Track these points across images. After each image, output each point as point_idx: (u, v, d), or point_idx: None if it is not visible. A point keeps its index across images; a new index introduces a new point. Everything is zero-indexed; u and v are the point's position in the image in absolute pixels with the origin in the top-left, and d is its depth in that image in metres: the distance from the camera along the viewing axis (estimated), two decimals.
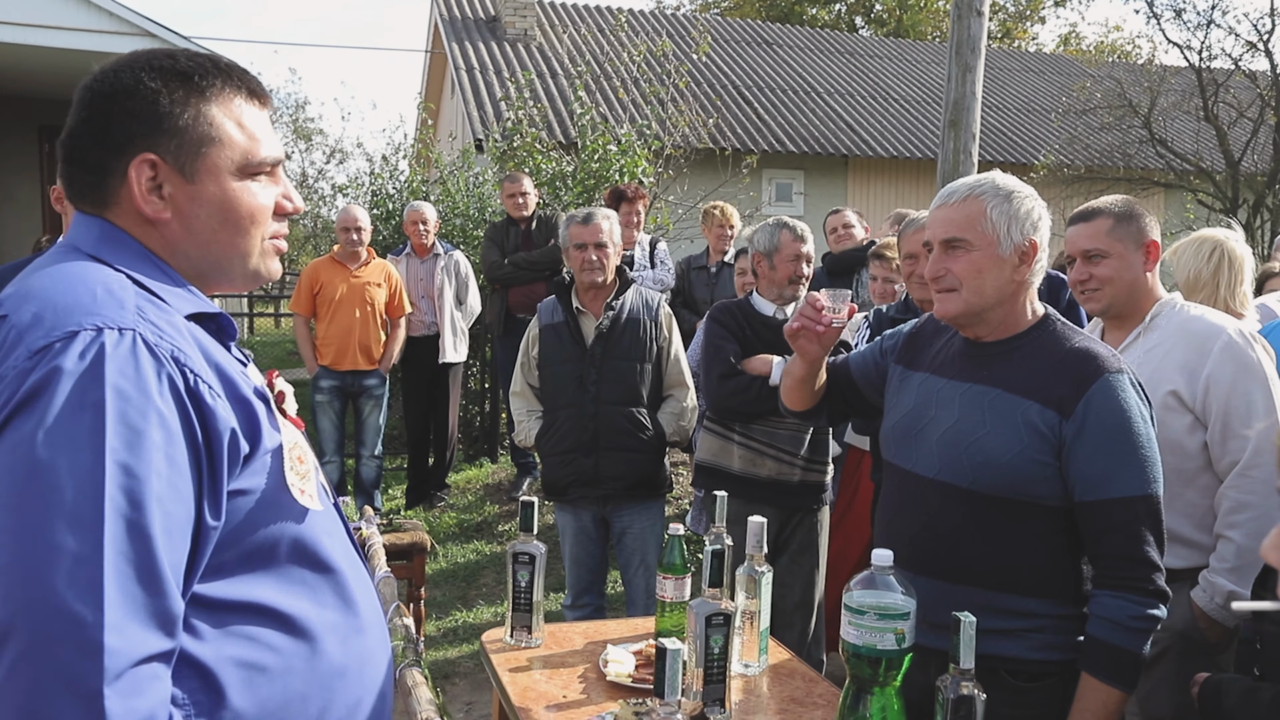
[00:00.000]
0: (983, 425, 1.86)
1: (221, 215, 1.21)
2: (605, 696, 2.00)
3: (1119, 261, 2.29)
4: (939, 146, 6.21)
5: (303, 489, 1.19)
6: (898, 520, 1.98)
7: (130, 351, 1.04)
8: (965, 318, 1.92)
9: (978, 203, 1.88)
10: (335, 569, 1.22)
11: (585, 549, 3.67)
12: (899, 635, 1.62)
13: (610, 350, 3.56)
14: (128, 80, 1.18)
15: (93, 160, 1.18)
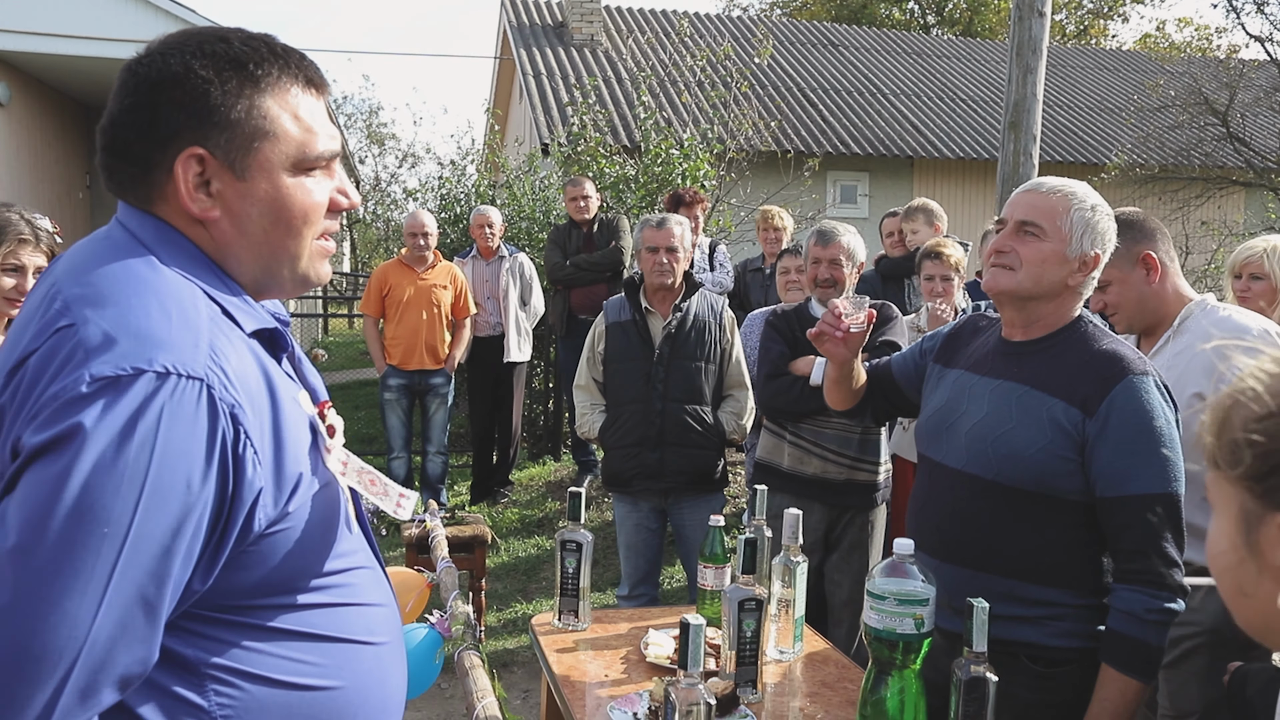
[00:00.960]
0: (1010, 420, 1.93)
1: (273, 214, 1.14)
2: (645, 676, 2.11)
3: (1120, 286, 2.33)
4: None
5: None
6: (926, 509, 2.06)
7: (195, 404, 0.99)
8: (1011, 297, 1.98)
9: (1064, 200, 1.95)
10: (358, 600, 1.21)
11: (643, 539, 3.81)
12: (918, 620, 1.70)
13: (677, 350, 3.71)
14: (176, 67, 1.09)
15: (136, 152, 1.11)
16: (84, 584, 0.92)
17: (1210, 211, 12.26)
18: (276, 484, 1.07)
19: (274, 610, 1.11)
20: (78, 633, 0.92)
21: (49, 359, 0.98)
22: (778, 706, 2.00)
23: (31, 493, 0.93)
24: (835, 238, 3.44)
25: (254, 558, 1.07)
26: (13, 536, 0.92)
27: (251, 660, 1.09)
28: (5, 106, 10.73)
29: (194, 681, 1.06)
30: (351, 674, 1.18)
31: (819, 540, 3.47)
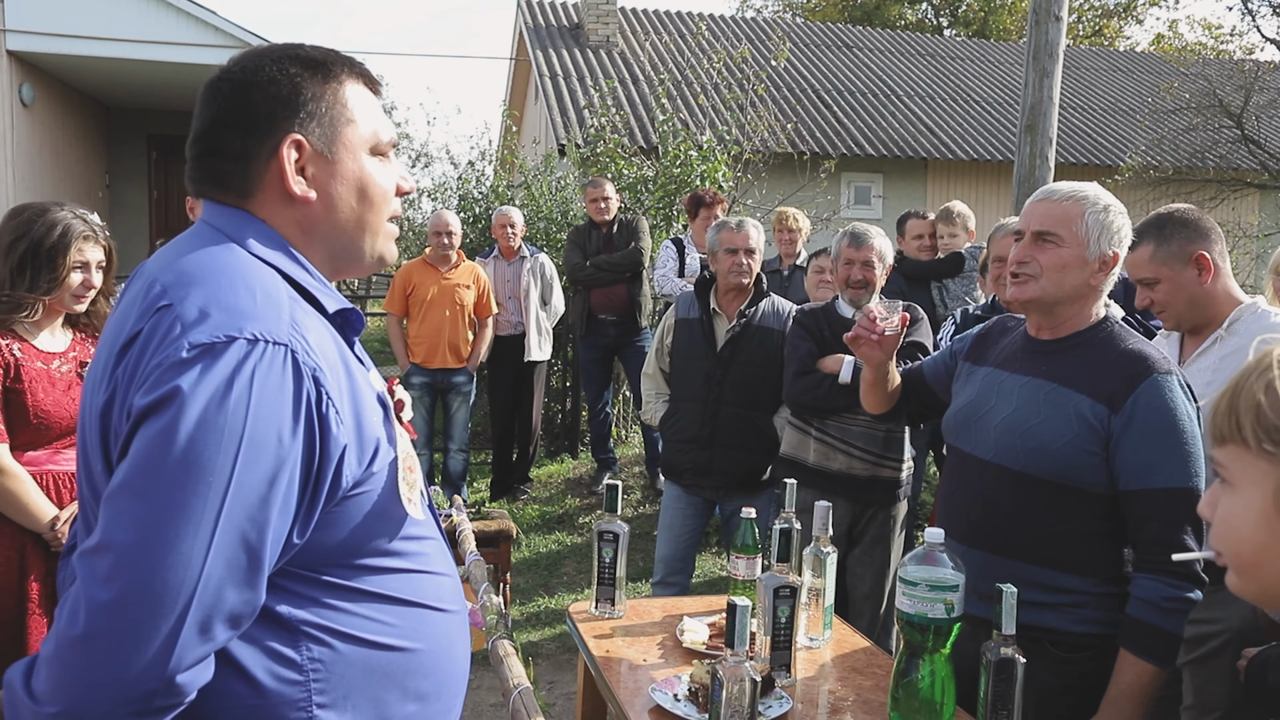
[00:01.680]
0: (1038, 415, 2.01)
1: (359, 191, 1.27)
2: (680, 661, 2.20)
3: (1170, 284, 2.33)
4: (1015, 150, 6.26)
5: (410, 498, 1.25)
6: (955, 497, 2.14)
7: (281, 366, 1.08)
8: (1036, 305, 2.06)
9: (1078, 205, 2.03)
10: (429, 569, 1.30)
11: (685, 523, 3.88)
12: (948, 605, 1.78)
13: (738, 355, 3.79)
14: (270, 69, 1.23)
15: (235, 148, 1.22)
16: (195, 527, 1.02)
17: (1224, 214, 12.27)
18: (359, 445, 1.15)
19: (357, 571, 1.20)
20: (192, 571, 1.02)
21: (152, 334, 1.09)
22: (810, 689, 2.08)
23: (144, 447, 1.04)
24: (869, 240, 3.51)
25: (340, 517, 1.16)
26: (131, 484, 1.03)
27: (339, 619, 1.18)
28: (29, 107, 10.88)
29: (288, 638, 1.14)
30: (426, 638, 1.26)
31: (842, 535, 3.54)
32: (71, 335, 2.59)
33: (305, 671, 1.15)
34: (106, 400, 1.11)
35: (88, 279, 2.50)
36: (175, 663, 1.02)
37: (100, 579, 1.00)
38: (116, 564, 1.00)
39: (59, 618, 1.04)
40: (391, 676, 1.23)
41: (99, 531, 1.03)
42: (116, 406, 1.10)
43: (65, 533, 2.43)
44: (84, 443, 1.19)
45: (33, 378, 2.43)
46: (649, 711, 1.95)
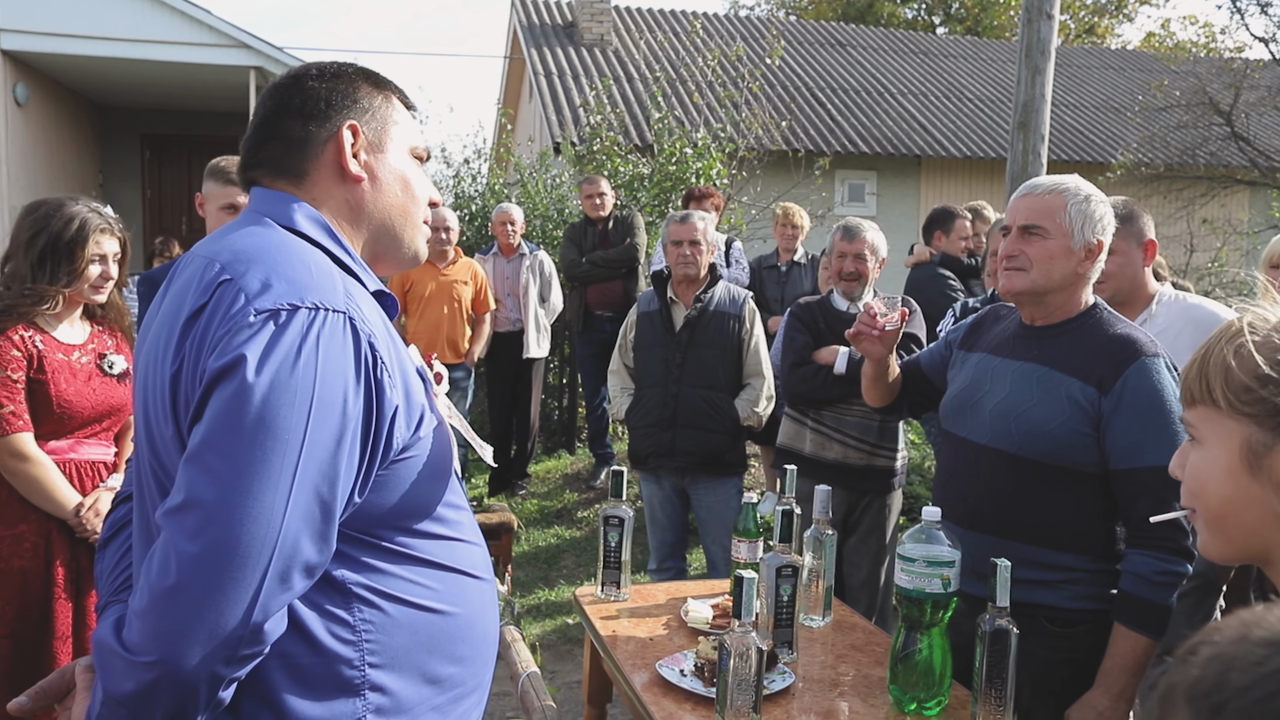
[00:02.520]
0: (1031, 398, 2.08)
1: (403, 182, 1.38)
2: (686, 639, 2.26)
3: (1123, 259, 2.52)
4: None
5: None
6: (951, 481, 2.21)
7: (342, 331, 1.15)
8: (1028, 296, 2.14)
9: (1060, 197, 2.11)
10: (465, 537, 1.36)
11: (668, 515, 4.02)
12: (945, 580, 1.84)
13: (696, 338, 3.89)
14: (333, 69, 1.38)
15: (297, 131, 1.33)
16: (274, 483, 1.08)
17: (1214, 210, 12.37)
18: (408, 410, 1.22)
19: (404, 535, 1.26)
20: (273, 524, 1.08)
21: (218, 306, 1.15)
22: (811, 665, 2.14)
23: (221, 408, 1.09)
24: (861, 233, 3.59)
25: (390, 481, 1.22)
26: (212, 444, 1.08)
27: (386, 582, 1.24)
28: (23, 106, 10.88)
29: (341, 599, 1.21)
30: (464, 602, 1.33)
31: (838, 524, 3.61)
32: (90, 328, 2.64)
33: (358, 632, 1.21)
34: (175, 371, 1.16)
35: (105, 270, 2.55)
36: (261, 611, 1.08)
37: (188, 534, 1.06)
38: (203, 519, 1.06)
39: (148, 572, 1.08)
40: (435, 639, 1.28)
41: (183, 490, 1.08)
42: (186, 374, 1.15)
43: (89, 519, 2.48)
44: (148, 419, 1.23)
45: (55, 369, 2.48)
46: (656, 686, 2.00)
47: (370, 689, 1.22)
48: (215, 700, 1.11)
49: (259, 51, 10.67)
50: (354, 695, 1.21)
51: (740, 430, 3.93)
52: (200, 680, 1.07)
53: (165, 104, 12.71)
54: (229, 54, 10.70)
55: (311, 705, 1.18)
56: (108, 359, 2.59)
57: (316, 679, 1.19)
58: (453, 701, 1.32)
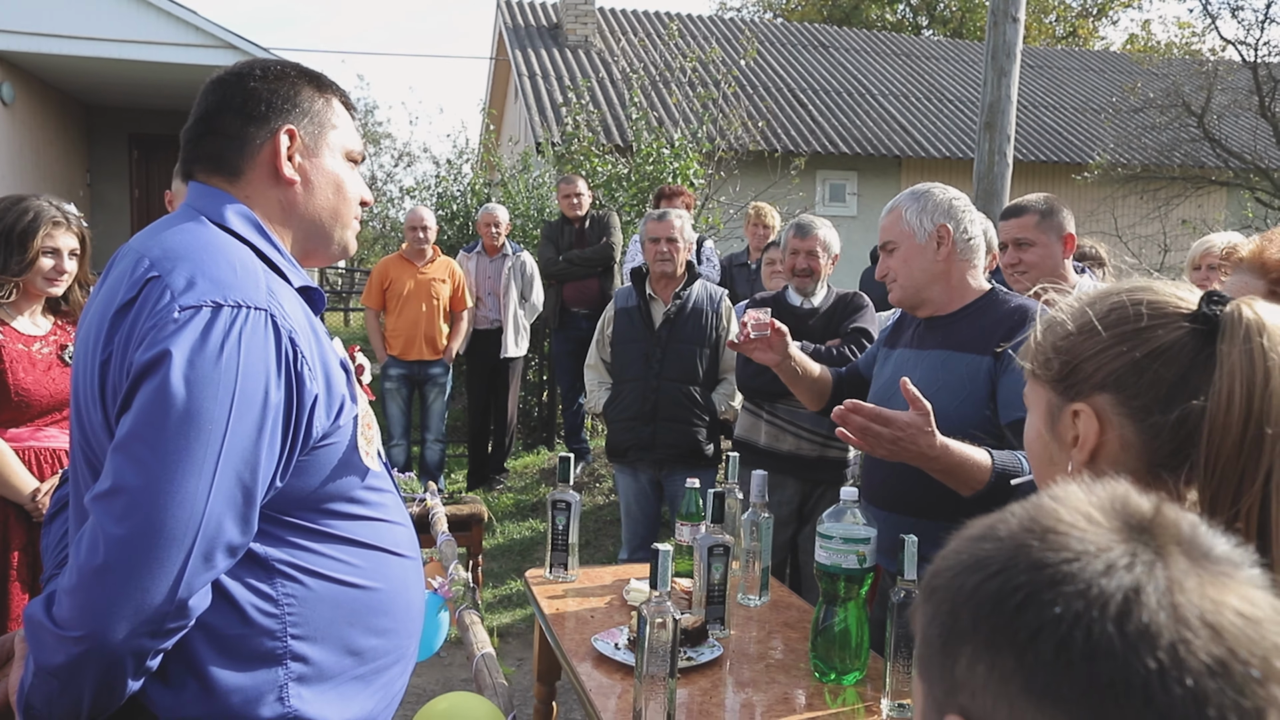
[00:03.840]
0: (937, 382, 2.21)
1: (335, 185, 1.45)
2: (625, 617, 2.37)
3: (1043, 250, 2.69)
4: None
5: (368, 451, 1.39)
6: (874, 468, 2.33)
7: (264, 328, 1.22)
8: (908, 301, 2.33)
9: (895, 211, 2.33)
10: (388, 518, 1.44)
11: (641, 508, 4.13)
12: (860, 556, 1.96)
13: (674, 334, 4.02)
14: (276, 69, 1.43)
15: (235, 129, 1.38)
16: (197, 470, 1.15)
17: (1189, 210, 12.54)
18: (328, 400, 1.30)
19: (325, 516, 1.34)
20: (196, 508, 1.15)
21: (146, 301, 1.22)
22: (743, 641, 2.25)
23: (147, 400, 1.17)
24: (813, 230, 3.71)
25: (310, 466, 1.30)
26: (138, 434, 1.16)
27: (308, 559, 1.31)
28: (9, 106, 10.94)
29: (264, 574, 1.28)
30: (385, 578, 1.40)
31: (793, 513, 3.73)
32: (52, 321, 2.74)
33: (280, 605, 1.28)
34: (104, 360, 1.23)
35: (59, 264, 2.65)
36: (185, 588, 1.15)
37: (115, 517, 1.13)
38: (130, 504, 1.13)
39: (76, 552, 1.16)
40: (356, 612, 1.36)
41: (110, 476, 1.16)
42: (115, 364, 1.22)
43: (45, 504, 2.58)
44: (79, 402, 1.30)
45: (13, 358, 2.58)
46: (591, 659, 2.12)
47: (292, 659, 1.29)
48: (143, 669, 1.19)
49: (246, 52, 10.73)
50: (276, 665, 1.28)
51: (718, 424, 4.05)
52: (126, 653, 1.15)
53: (153, 104, 12.76)
54: (216, 55, 10.76)
55: (234, 675, 1.25)
56: (69, 349, 2.69)
57: (240, 649, 1.26)
58: (375, 672, 1.40)
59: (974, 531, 0.63)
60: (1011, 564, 0.58)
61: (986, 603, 0.57)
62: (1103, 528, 0.59)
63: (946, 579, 0.61)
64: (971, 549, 0.61)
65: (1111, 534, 0.58)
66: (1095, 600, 0.54)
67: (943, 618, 0.60)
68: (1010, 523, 0.61)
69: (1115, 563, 0.56)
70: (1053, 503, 0.61)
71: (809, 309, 3.76)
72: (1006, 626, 0.56)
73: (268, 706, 1.27)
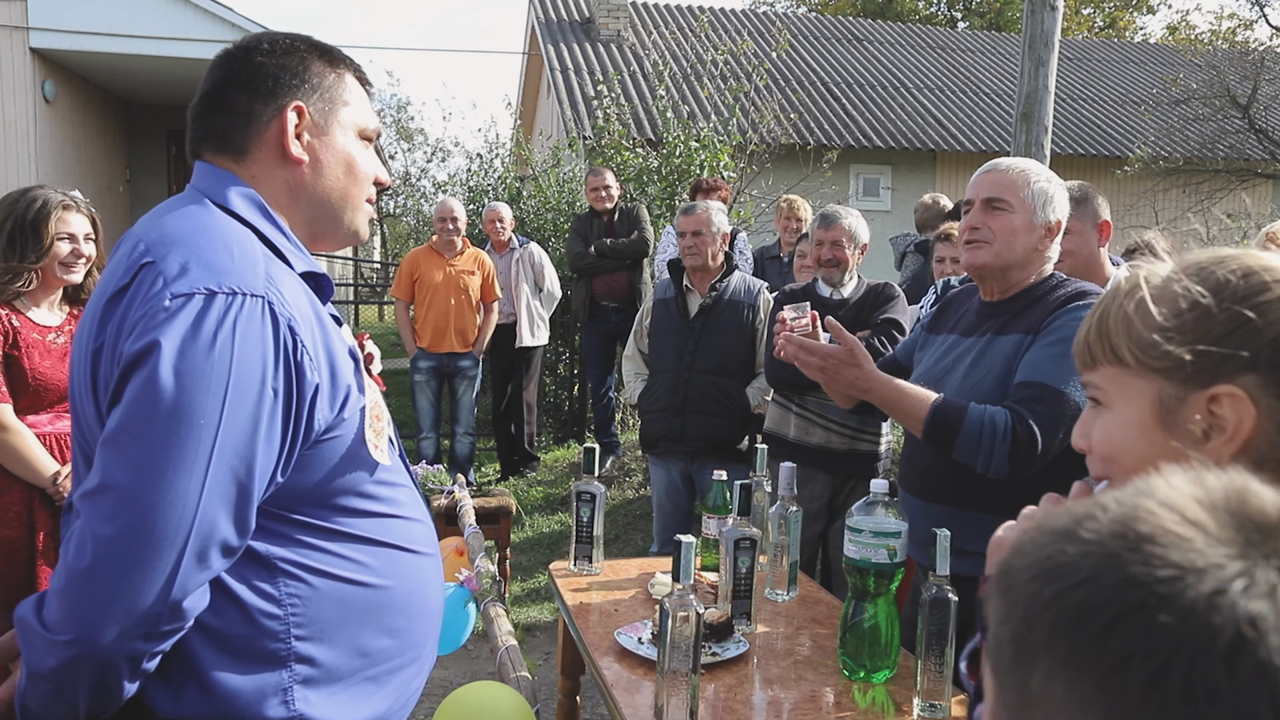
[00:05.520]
0: (988, 370, 2.14)
1: (346, 165, 1.38)
2: (649, 610, 2.33)
3: (1078, 238, 2.59)
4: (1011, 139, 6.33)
5: (377, 444, 1.32)
6: (913, 456, 2.27)
7: (260, 316, 1.16)
8: (990, 269, 2.19)
9: (1023, 175, 2.18)
10: (401, 513, 1.37)
11: (673, 500, 4.10)
12: (890, 551, 1.90)
13: (709, 326, 3.99)
14: (285, 44, 1.35)
15: (241, 105, 1.32)
16: (189, 466, 1.10)
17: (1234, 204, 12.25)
18: (332, 391, 1.24)
19: (332, 512, 1.28)
20: (189, 507, 1.10)
21: (138, 289, 1.17)
22: (769, 636, 2.20)
23: (136, 393, 1.11)
24: (837, 220, 3.64)
25: (314, 460, 1.24)
26: (127, 428, 1.11)
27: (314, 557, 1.26)
28: (51, 103, 11.10)
29: (267, 574, 1.23)
30: (397, 576, 1.35)
31: (823, 507, 3.67)
32: (67, 312, 2.77)
33: (284, 605, 1.23)
34: (96, 348, 1.19)
35: (76, 248, 2.67)
36: (178, 589, 1.11)
37: (104, 517, 1.09)
38: (118, 503, 1.09)
39: (65, 553, 1.12)
40: (366, 612, 1.31)
41: (99, 473, 1.11)
42: (106, 354, 1.17)
43: (67, 487, 2.60)
44: (74, 392, 1.27)
45: (29, 345, 2.61)
46: (614, 653, 2.08)
47: (296, 660, 1.24)
48: (139, 672, 1.14)
49: None
50: (280, 667, 1.24)
51: (750, 418, 4.01)
52: (119, 656, 1.11)
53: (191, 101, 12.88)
54: None
55: (236, 676, 1.21)
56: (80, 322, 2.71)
57: (242, 650, 1.22)
58: (389, 673, 1.35)
59: (1056, 524, 0.54)
60: (1097, 576, 0.49)
61: (1066, 617, 0.49)
62: (1213, 536, 0.49)
63: (1022, 581, 0.52)
64: (1051, 549, 0.52)
65: (1224, 544, 0.48)
66: (1199, 631, 0.45)
67: (1015, 623, 0.52)
68: (1099, 521, 0.51)
69: (1228, 583, 0.46)
70: (1150, 501, 0.51)
71: (838, 300, 3.70)
72: (1088, 649, 0.47)
73: (272, 709, 1.23)
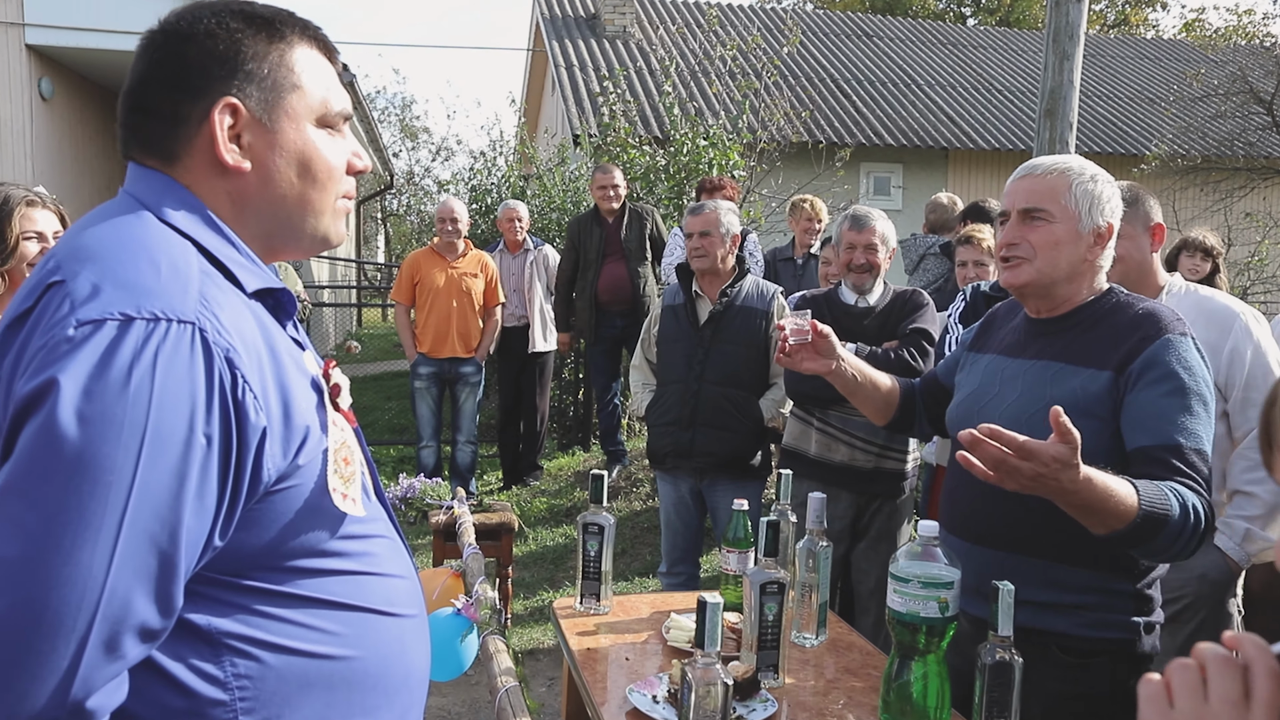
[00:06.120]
0: (1044, 399, 1.87)
1: (300, 165, 1.16)
2: (665, 660, 2.09)
3: (1129, 242, 2.36)
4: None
5: (345, 493, 1.12)
6: (958, 492, 2.02)
7: (189, 346, 0.97)
8: (1033, 289, 1.93)
9: (1064, 178, 1.90)
10: (376, 570, 1.18)
11: (682, 518, 3.83)
12: (942, 604, 1.67)
13: (719, 334, 3.72)
14: (209, 22, 1.12)
15: (166, 107, 1.11)
16: (94, 534, 0.90)
17: (1254, 203, 12.00)
18: (285, 435, 1.04)
19: (288, 575, 1.08)
20: (93, 584, 0.90)
21: (41, 314, 0.97)
22: (799, 692, 1.97)
23: (29, 444, 0.91)
24: (870, 222, 3.40)
25: (264, 515, 1.04)
26: (17, 488, 0.90)
27: (267, 628, 1.06)
28: (48, 101, 10.91)
29: (209, 651, 1.03)
30: (371, 644, 1.15)
31: (846, 528, 3.43)
32: None
33: (230, 689, 1.03)
34: None
35: (46, 248, 2.46)
36: (79, 687, 0.90)
37: None
38: (5, 580, 0.88)
39: None
40: (333, 688, 1.11)
41: None
42: (1, 394, 0.97)
43: None
44: None
45: None
46: (625, 714, 1.84)
47: None
48: None
49: None
50: None
51: (764, 432, 3.76)
52: None
53: None
54: None
55: None
56: None
57: None
58: None
59: None
60: None
61: None
62: None
63: None
64: None
65: None
66: None
67: None
68: None
69: None
70: None
71: (864, 308, 3.46)
72: None
73: None
